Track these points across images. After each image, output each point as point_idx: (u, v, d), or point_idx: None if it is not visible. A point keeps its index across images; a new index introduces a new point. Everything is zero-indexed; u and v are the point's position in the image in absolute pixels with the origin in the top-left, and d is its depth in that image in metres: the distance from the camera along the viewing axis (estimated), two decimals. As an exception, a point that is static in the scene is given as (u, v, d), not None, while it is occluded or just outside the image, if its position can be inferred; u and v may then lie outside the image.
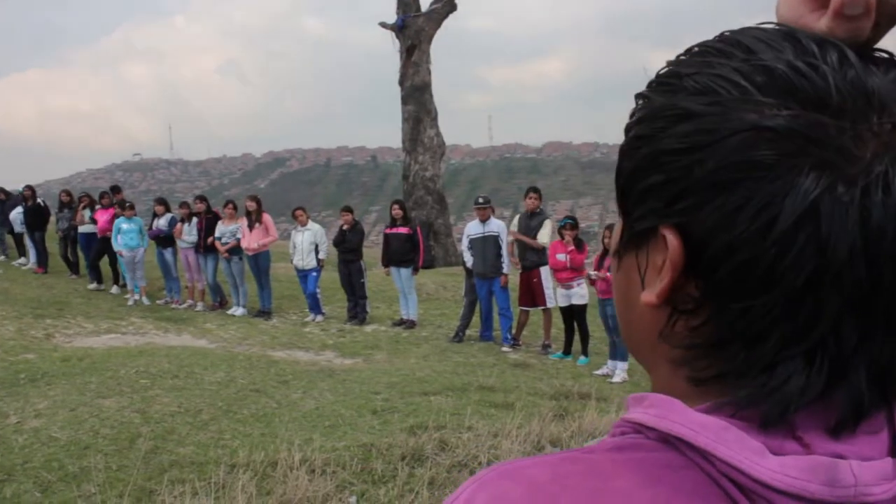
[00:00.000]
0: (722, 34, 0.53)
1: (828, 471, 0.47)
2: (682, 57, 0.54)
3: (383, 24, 21.11)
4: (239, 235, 11.48)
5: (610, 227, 8.76)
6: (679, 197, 0.50)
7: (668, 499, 0.48)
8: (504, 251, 9.47)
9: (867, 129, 0.46)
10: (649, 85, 0.55)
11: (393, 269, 10.83)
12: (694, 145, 0.49)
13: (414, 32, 20.47)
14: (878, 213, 0.45)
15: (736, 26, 0.54)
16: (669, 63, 0.55)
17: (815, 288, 0.46)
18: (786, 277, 0.46)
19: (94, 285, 13.02)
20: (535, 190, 9.57)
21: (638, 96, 0.56)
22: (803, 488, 0.46)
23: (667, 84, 0.53)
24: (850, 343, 0.47)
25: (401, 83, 20.93)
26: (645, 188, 0.53)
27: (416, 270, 10.82)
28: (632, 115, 0.56)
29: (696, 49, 0.54)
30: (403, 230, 10.74)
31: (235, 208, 11.76)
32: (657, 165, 0.51)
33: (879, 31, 0.53)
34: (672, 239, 0.50)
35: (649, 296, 0.53)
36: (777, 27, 0.52)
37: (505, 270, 9.52)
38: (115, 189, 13.89)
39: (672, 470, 0.49)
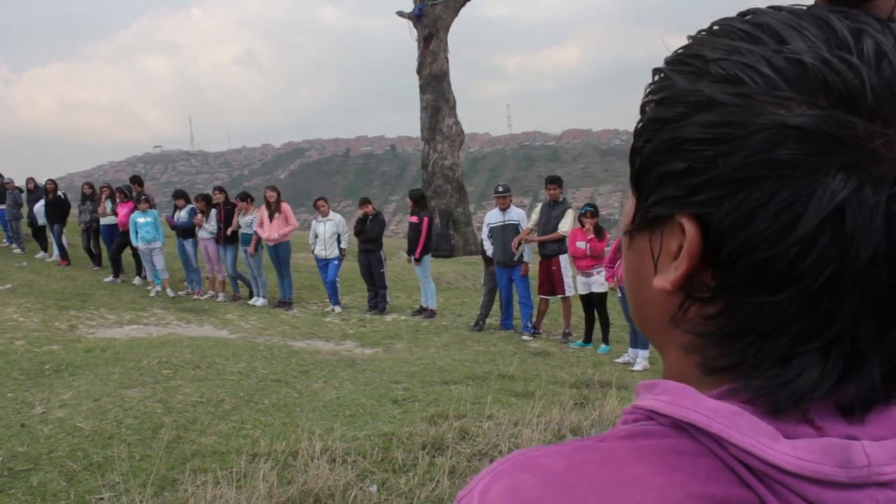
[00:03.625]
0: (748, 14, 0.51)
1: (841, 452, 0.47)
2: (704, 34, 0.53)
3: (401, 13, 21.07)
4: (255, 227, 11.52)
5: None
6: (700, 188, 0.49)
7: (683, 485, 0.48)
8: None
9: None
10: (669, 62, 0.53)
11: (413, 259, 10.88)
12: (718, 137, 0.48)
13: (431, 21, 20.41)
14: None
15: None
16: (692, 40, 0.53)
17: (834, 288, 0.46)
18: (805, 277, 0.46)
19: (110, 279, 13.11)
20: (555, 181, 9.49)
21: (656, 71, 0.54)
22: (817, 470, 0.46)
23: (689, 65, 0.51)
24: (865, 340, 0.47)
25: (419, 72, 20.90)
26: (663, 174, 0.52)
27: (416, 260, 10.79)
28: (648, 92, 0.54)
29: (719, 28, 0.52)
30: (414, 219, 10.86)
31: (252, 200, 11.86)
32: (678, 153, 0.50)
33: None
34: (691, 229, 0.50)
35: (663, 282, 0.53)
36: (809, 10, 0.50)
37: (526, 259, 9.50)
38: (136, 179, 13.95)
39: (686, 456, 0.49)
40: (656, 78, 0.54)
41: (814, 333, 0.47)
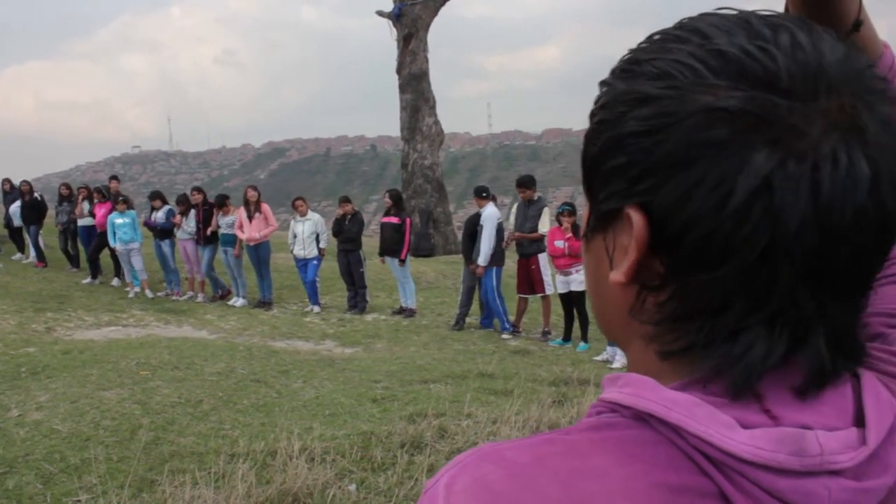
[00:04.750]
0: (681, 21, 0.55)
1: (795, 441, 0.49)
2: (643, 44, 0.56)
3: (380, 13, 21.05)
4: (234, 229, 11.47)
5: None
6: (641, 177, 0.52)
7: (644, 474, 0.50)
8: (483, 240, 9.38)
9: (816, 108, 0.48)
10: (612, 72, 0.57)
11: (388, 259, 10.86)
12: (653, 128, 0.51)
13: (411, 21, 20.40)
14: (828, 186, 0.47)
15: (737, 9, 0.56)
16: (630, 51, 0.57)
17: (771, 258, 0.48)
18: (743, 249, 0.48)
19: (88, 280, 13.01)
20: (523, 183, 9.44)
21: (601, 84, 0.58)
22: (772, 459, 0.48)
23: (627, 70, 0.55)
24: (806, 310, 0.50)
25: (398, 72, 20.88)
26: (609, 170, 0.55)
27: (401, 262, 10.78)
28: (596, 102, 0.58)
29: (657, 36, 0.55)
30: (394, 219, 10.77)
31: (229, 199, 11.87)
32: (620, 148, 0.53)
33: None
34: (636, 218, 0.52)
35: (617, 275, 0.56)
36: (735, 14, 0.53)
37: (480, 262, 9.41)
38: (113, 179, 13.85)
39: (646, 446, 0.51)
40: (602, 89, 0.57)
41: (757, 307, 0.50)
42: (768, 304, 0.50)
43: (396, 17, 20.61)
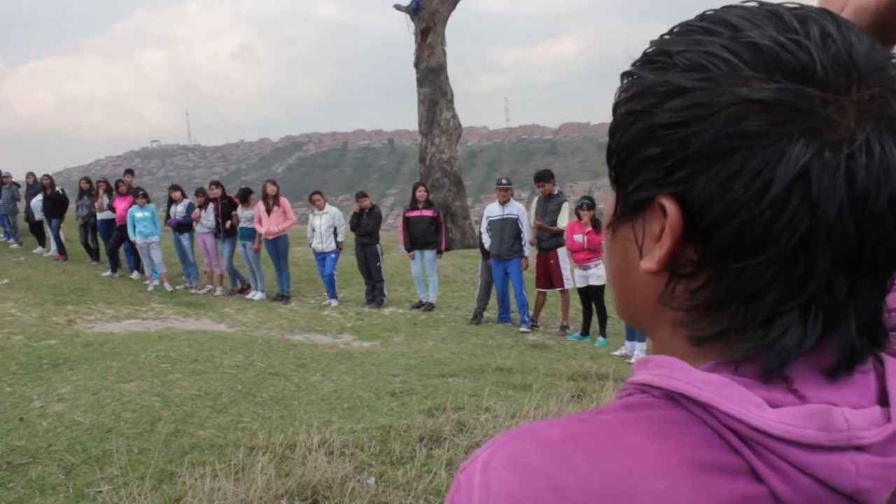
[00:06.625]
0: (704, 14, 0.56)
1: (823, 417, 0.50)
2: (667, 36, 0.57)
3: (398, 7, 21.01)
4: (254, 223, 11.52)
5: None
6: (677, 167, 0.53)
7: (675, 451, 0.51)
8: (524, 234, 9.43)
9: (848, 100, 0.49)
10: (636, 63, 0.58)
11: (418, 252, 10.85)
12: (689, 119, 0.52)
13: (428, 14, 20.34)
14: (863, 175, 0.48)
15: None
16: (655, 42, 0.57)
17: (808, 246, 0.50)
18: (781, 237, 0.50)
19: (108, 273, 13.12)
20: (543, 177, 9.45)
21: (625, 75, 0.58)
22: (801, 434, 0.50)
23: (656, 62, 0.55)
24: (840, 296, 0.51)
25: (416, 66, 20.84)
26: (641, 160, 0.55)
27: (440, 253, 10.80)
28: (620, 93, 0.58)
29: (680, 29, 0.56)
30: (428, 212, 10.75)
31: (251, 193, 11.89)
32: (653, 139, 0.54)
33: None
34: (671, 207, 0.53)
35: (649, 263, 0.56)
36: (760, 5, 0.54)
37: (525, 254, 9.49)
38: (127, 172, 13.96)
39: (678, 424, 0.53)
40: (626, 81, 0.58)
41: (793, 293, 0.51)
42: (804, 291, 0.51)
43: (414, 10, 20.56)
